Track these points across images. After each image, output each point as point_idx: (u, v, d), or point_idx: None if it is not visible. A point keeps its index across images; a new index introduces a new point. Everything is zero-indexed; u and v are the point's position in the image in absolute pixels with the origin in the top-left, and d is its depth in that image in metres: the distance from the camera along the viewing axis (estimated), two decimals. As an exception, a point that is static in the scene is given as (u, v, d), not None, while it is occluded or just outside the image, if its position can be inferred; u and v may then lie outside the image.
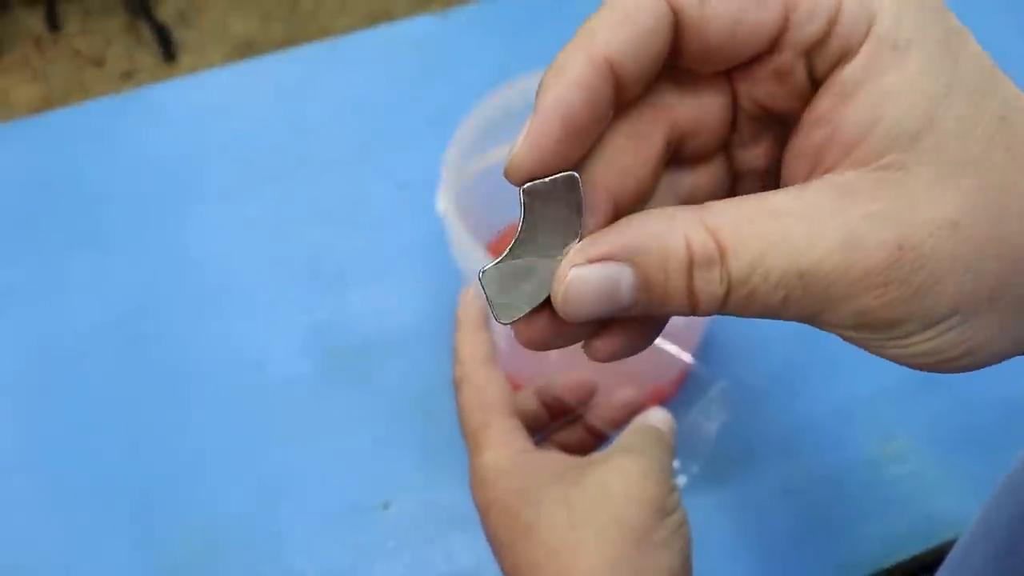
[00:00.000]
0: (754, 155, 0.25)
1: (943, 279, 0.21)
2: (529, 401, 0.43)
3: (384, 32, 0.87)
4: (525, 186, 0.23)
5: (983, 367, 0.24)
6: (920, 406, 0.63)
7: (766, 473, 0.60)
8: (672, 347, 0.54)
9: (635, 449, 0.37)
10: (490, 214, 0.64)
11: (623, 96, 0.22)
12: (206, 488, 0.60)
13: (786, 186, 0.23)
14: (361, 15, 1.88)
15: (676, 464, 0.42)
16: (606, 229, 0.22)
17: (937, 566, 0.43)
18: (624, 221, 0.22)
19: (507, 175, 0.23)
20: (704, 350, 0.65)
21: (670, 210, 0.22)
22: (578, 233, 0.23)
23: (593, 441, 0.44)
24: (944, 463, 0.61)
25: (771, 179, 0.26)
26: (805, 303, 0.21)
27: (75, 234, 0.72)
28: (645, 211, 0.23)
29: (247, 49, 1.84)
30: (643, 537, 0.34)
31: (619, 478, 0.35)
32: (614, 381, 0.46)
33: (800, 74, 0.22)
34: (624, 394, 0.43)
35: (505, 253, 0.23)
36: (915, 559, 0.57)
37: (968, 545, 0.39)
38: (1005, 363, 0.24)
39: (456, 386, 0.41)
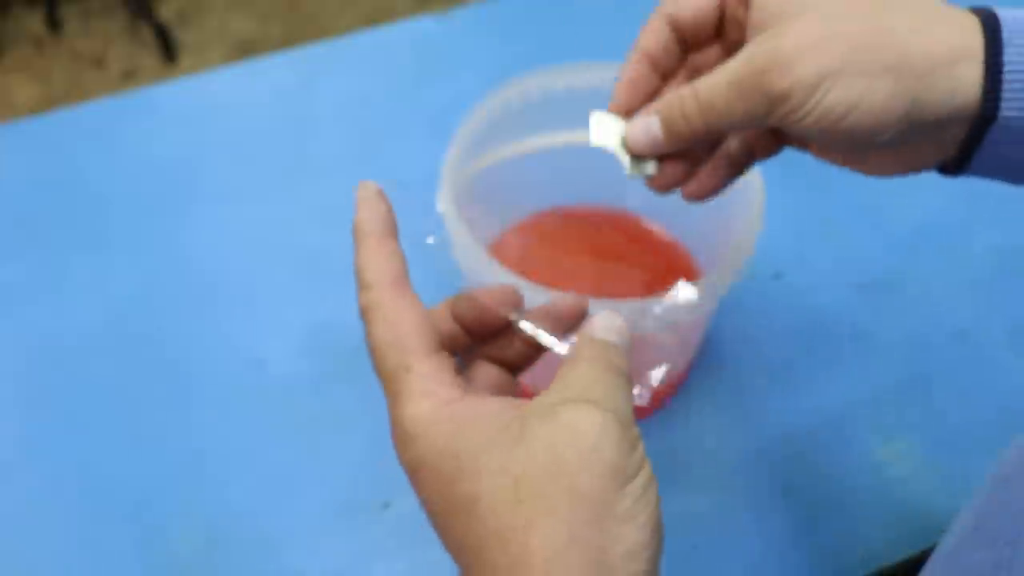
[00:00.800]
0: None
1: (804, 57, 0.35)
2: (443, 321, 0.37)
3: (384, 32, 0.87)
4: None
5: (880, 127, 0.36)
6: (920, 407, 0.63)
7: (766, 473, 0.60)
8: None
9: (586, 397, 0.31)
10: (490, 214, 0.64)
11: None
12: (206, 487, 0.60)
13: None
14: (361, 15, 1.88)
15: (636, 390, 0.34)
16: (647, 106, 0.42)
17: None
18: (654, 103, 0.41)
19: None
20: (705, 348, 0.65)
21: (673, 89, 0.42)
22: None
23: (533, 352, 0.37)
24: (944, 464, 0.61)
25: None
26: (744, 98, 0.37)
27: (75, 234, 0.72)
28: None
29: (247, 49, 1.84)
30: (603, 511, 0.29)
31: (570, 441, 0.29)
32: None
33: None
34: (563, 299, 0.37)
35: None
36: (915, 560, 0.57)
37: (958, 540, 0.39)
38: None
39: (363, 316, 0.34)
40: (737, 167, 0.44)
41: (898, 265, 0.70)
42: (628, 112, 0.43)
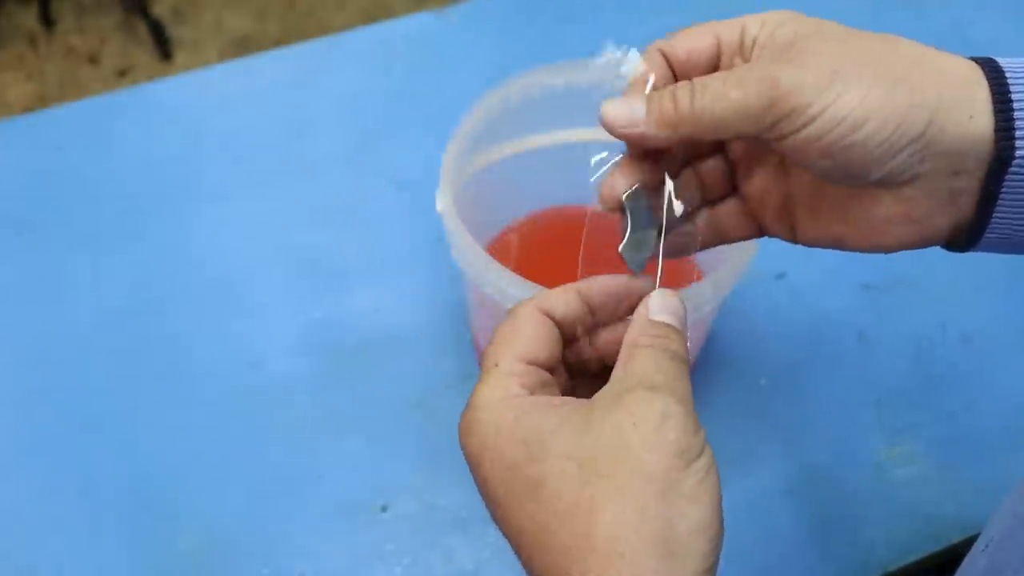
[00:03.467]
0: None
1: (814, 58, 0.33)
2: (565, 304, 0.37)
3: (382, 29, 0.86)
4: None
5: (896, 143, 0.32)
6: (925, 408, 0.63)
7: (768, 474, 0.60)
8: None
9: (648, 383, 0.32)
10: (490, 213, 0.63)
11: None
12: (203, 489, 0.59)
13: None
14: (358, 12, 1.87)
15: None
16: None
17: (942, 570, 0.43)
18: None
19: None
20: (708, 348, 0.64)
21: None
22: None
23: (597, 365, 0.38)
24: (950, 466, 0.60)
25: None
26: (744, 85, 0.33)
27: (70, 233, 0.71)
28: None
29: (243, 46, 1.82)
30: (669, 489, 0.29)
31: (635, 424, 0.31)
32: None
33: None
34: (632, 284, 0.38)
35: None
36: (919, 563, 0.57)
37: (1010, 529, 0.38)
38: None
39: (507, 315, 0.36)
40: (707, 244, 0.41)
41: (904, 265, 0.69)
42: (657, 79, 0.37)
